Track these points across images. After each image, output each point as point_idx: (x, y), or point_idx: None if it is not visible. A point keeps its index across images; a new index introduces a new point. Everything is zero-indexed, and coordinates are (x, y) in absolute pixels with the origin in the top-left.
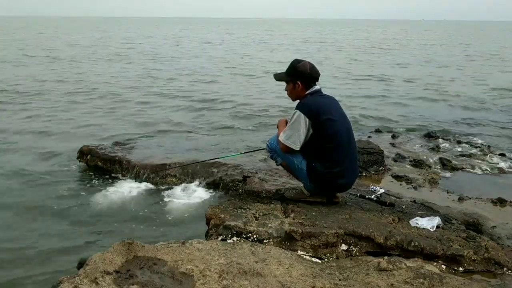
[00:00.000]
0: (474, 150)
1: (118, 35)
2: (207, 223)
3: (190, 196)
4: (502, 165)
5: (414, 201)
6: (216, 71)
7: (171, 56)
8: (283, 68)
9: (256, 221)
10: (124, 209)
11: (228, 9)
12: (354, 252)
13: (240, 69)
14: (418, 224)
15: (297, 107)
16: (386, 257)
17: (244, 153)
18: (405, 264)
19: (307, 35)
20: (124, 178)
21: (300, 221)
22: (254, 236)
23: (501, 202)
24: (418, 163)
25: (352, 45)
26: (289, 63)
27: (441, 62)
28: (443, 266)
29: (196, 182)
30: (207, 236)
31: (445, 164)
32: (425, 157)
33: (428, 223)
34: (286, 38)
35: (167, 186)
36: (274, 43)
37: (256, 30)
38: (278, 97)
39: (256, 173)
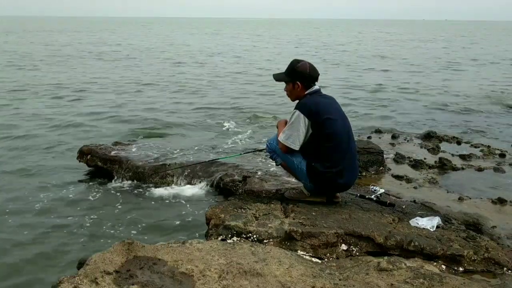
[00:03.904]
0: (474, 150)
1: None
2: (207, 223)
3: (190, 196)
4: (502, 165)
5: (414, 201)
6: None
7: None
8: None
9: (256, 221)
10: (124, 209)
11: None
12: (354, 252)
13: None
14: (418, 224)
15: (297, 107)
16: (386, 257)
17: (244, 153)
18: (405, 264)
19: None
20: (124, 178)
21: (300, 221)
22: (254, 236)
23: (501, 202)
24: (418, 163)
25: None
26: (288, 64)
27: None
28: (443, 266)
29: (196, 182)
30: (207, 236)
31: (445, 164)
32: (425, 157)
33: (428, 223)
34: None
35: (166, 186)
36: None
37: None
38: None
39: (256, 173)
